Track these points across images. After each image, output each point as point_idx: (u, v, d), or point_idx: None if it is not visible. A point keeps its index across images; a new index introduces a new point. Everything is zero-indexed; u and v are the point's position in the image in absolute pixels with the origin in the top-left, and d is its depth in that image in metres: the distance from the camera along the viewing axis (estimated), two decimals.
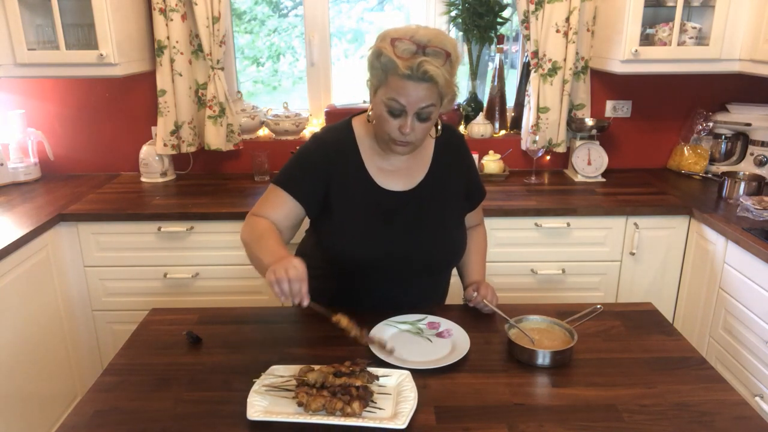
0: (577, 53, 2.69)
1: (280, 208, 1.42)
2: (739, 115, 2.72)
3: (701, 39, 2.51)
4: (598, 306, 1.42)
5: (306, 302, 1.21)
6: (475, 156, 2.08)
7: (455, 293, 1.69)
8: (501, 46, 2.82)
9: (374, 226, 1.43)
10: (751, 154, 2.69)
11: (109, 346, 2.50)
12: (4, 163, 2.67)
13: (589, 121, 2.74)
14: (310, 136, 1.50)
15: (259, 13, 3.01)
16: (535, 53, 2.65)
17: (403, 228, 1.44)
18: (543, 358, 1.27)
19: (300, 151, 1.47)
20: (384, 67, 1.27)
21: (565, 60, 2.65)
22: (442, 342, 1.36)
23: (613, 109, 2.88)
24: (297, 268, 1.19)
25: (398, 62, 1.23)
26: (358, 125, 1.48)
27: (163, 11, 2.57)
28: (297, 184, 1.43)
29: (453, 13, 2.77)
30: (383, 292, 1.49)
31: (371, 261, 1.43)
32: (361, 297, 1.47)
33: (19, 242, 2.05)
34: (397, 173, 1.46)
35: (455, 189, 1.52)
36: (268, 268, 1.22)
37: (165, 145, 2.72)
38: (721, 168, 2.73)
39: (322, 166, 1.42)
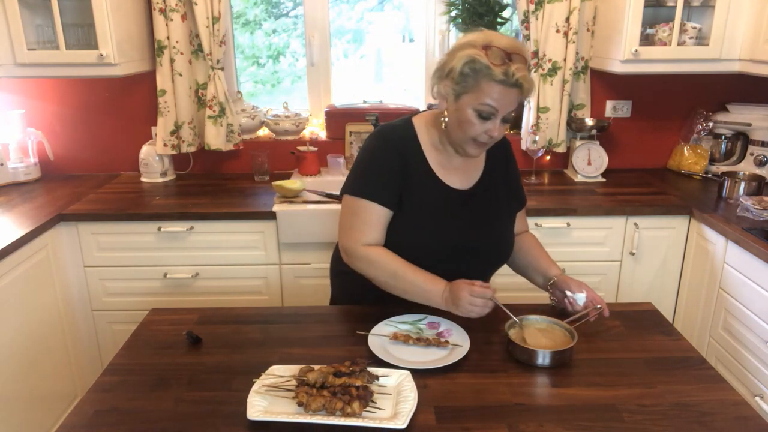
0: (577, 53, 2.69)
1: (376, 224, 1.46)
2: (739, 115, 2.72)
3: (701, 39, 2.50)
4: (598, 306, 1.42)
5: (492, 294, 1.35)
6: None
7: None
8: None
9: (442, 220, 1.48)
10: (751, 154, 2.69)
11: (109, 346, 2.50)
12: (4, 163, 2.67)
13: (589, 121, 2.74)
14: (373, 137, 1.51)
15: (258, 15, 3.01)
16: (535, 53, 2.65)
17: (467, 223, 1.50)
18: (543, 358, 1.27)
19: (369, 155, 1.48)
20: (476, 74, 1.32)
21: (565, 60, 2.65)
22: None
23: (613, 109, 2.88)
24: (474, 291, 1.34)
25: (494, 69, 1.30)
26: (418, 124, 1.51)
27: (163, 11, 2.57)
28: (380, 190, 1.45)
29: (453, 13, 2.77)
30: None
31: (438, 254, 1.47)
32: None
33: (19, 242, 2.05)
34: (456, 171, 1.51)
35: (505, 190, 1.58)
36: (440, 298, 1.38)
37: (165, 145, 2.72)
38: (721, 168, 2.73)
39: (396, 167, 1.45)
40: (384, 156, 1.46)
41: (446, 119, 1.42)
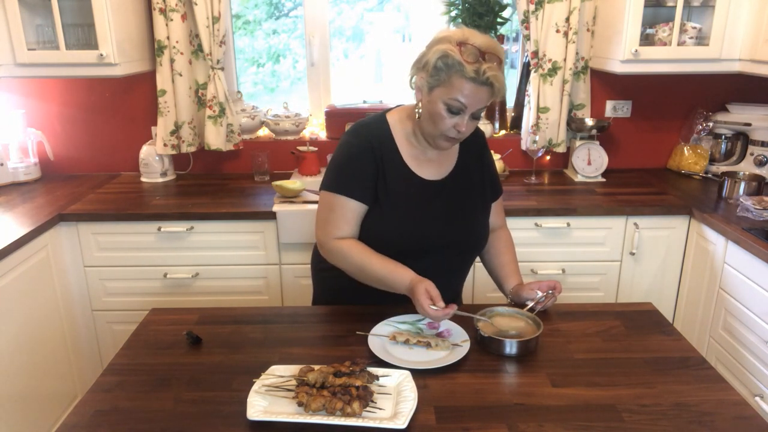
0: (577, 53, 2.69)
1: (351, 219, 1.49)
2: (739, 115, 2.72)
3: (701, 39, 2.50)
4: (549, 291, 1.48)
5: (452, 310, 1.34)
6: None
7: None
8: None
9: (416, 211, 1.51)
10: (751, 154, 2.69)
11: (109, 346, 2.50)
12: (4, 163, 2.67)
13: (589, 121, 2.74)
14: (348, 134, 1.54)
15: (258, 16, 3.01)
16: (535, 53, 2.65)
17: (438, 213, 1.52)
18: (510, 348, 1.32)
19: (345, 152, 1.51)
20: (448, 68, 1.35)
21: (565, 60, 2.65)
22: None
23: (613, 109, 2.88)
24: (428, 291, 1.35)
25: (466, 65, 1.33)
26: (392, 119, 1.54)
27: (163, 11, 2.57)
28: (355, 186, 1.48)
29: (453, 13, 2.77)
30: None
31: (412, 245, 1.50)
32: None
33: (19, 242, 2.05)
34: (429, 163, 1.54)
35: (479, 181, 1.60)
36: (406, 289, 1.39)
37: (165, 145, 2.72)
38: (721, 168, 2.73)
39: (369, 162, 1.48)
40: (358, 153, 1.48)
41: (419, 110, 1.45)
